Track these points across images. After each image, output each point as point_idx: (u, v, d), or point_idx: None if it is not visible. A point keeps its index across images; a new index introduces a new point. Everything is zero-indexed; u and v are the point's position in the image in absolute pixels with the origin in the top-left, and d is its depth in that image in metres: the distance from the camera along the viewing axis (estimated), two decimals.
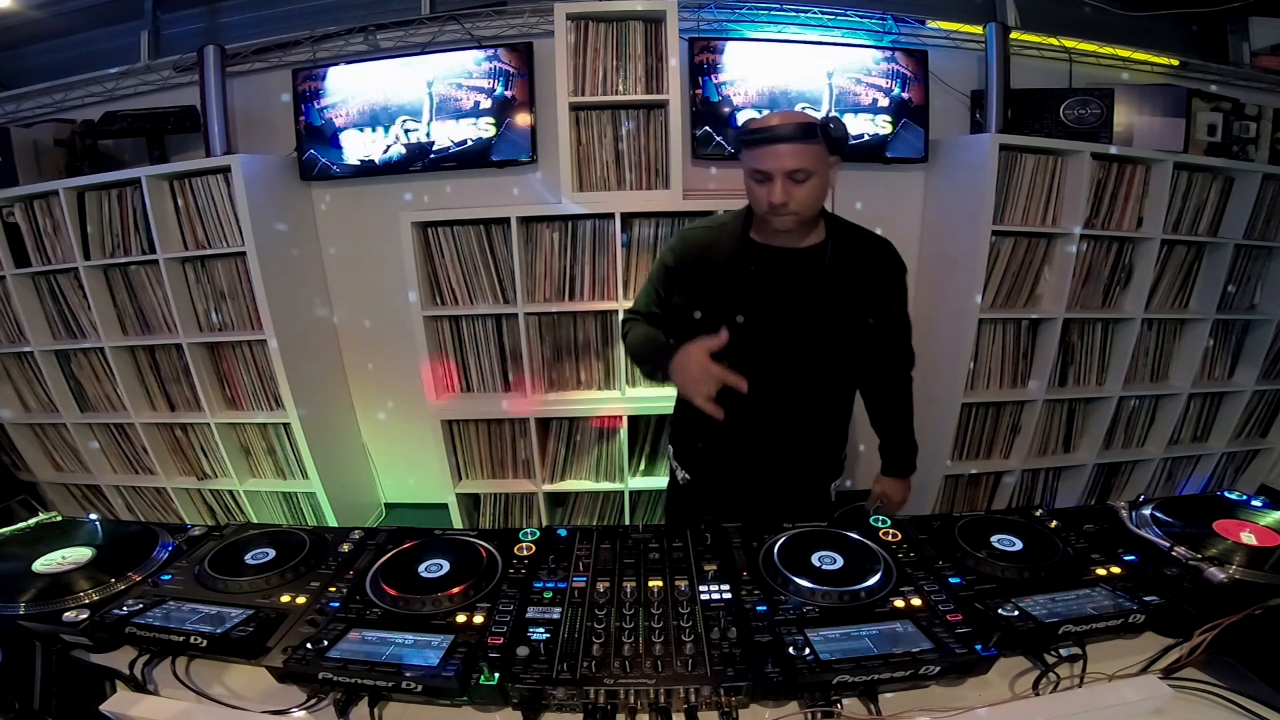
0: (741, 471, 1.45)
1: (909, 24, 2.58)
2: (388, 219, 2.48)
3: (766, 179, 1.19)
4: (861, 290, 1.31)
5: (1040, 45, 2.60)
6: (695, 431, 1.46)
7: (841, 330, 1.31)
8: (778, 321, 1.29)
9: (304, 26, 2.56)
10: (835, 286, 1.29)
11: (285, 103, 2.55)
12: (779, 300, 1.29)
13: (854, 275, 1.30)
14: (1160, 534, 1.09)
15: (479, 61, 2.46)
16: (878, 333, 1.35)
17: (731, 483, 1.47)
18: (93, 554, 1.10)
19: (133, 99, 2.64)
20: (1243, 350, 2.81)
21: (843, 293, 1.29)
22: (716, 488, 1.50)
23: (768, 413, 1.35)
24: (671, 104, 2.28)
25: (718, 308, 1.29)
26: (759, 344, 1.28)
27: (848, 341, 1.33)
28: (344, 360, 2.94)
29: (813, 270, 1.29)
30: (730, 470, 1.46)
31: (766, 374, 1.27)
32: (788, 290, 1.29)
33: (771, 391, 1.30)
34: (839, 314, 1.30)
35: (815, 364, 1.33)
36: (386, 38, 2.56)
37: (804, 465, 1.46)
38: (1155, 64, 2.67)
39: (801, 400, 1.36)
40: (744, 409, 1.29)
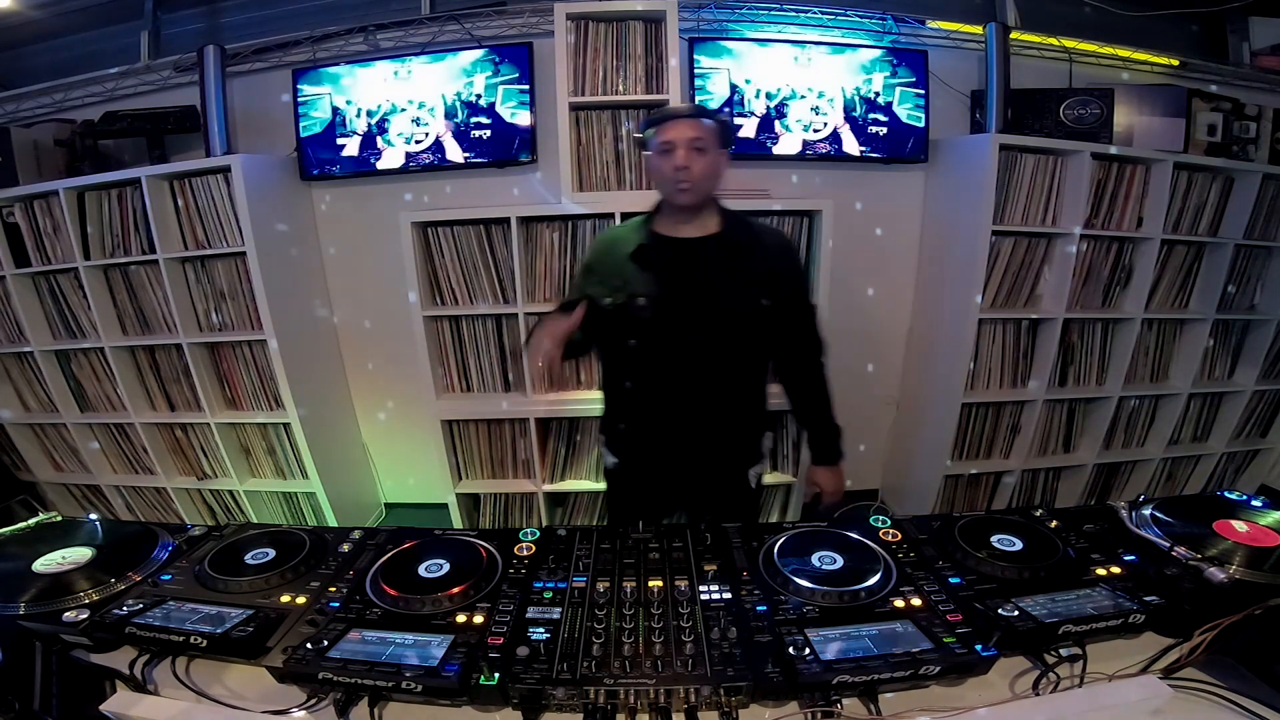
0: (660, 453, 1.52)
1: (909, 24, 2.58)
2: (388, 219, 2.48)
3: (671, 149, 1.35)
4: (755, 275, 1.42)
5: (1040, 45, 2.60)
6: (617, 414, 1.55)
7: (737, 311, 1.40)
8: (678, 303, 1.39)
9: (304, 26, 2.56)
10: (729, 271, 1.40)
11: (285, 103, 2.55)
12: (678, 284, 1.40)
13: (747, 261, 1.42)
14: (1160, 534, 1.09)
15: (479, 61, 2.46)
16: (777, 318, 1.44)
17: (653, 464, 1.55)
18: (93, 554, 1.10)
19: (133, 99, 2.64)
20: (1243, 350, 2.81)
21: (736, 276, 1.40)
22: (641, 470, 1.58)
23: (678, 393, 1.44)
24: (672, 104, 2.28)
25: (624, 293, 1.40)
26: (663, 326, 1.39)
27: (745, 323, 1.42)
28: (344, 360, 2.94)
29: (708, 256, 1.41)
30: (650, 452, 1.54)
31: (673, 355, 1.41)
32: (686, 274, 1.40)
33: (680, 372, 1.42)
34: (733, 296, 1.40)
35: (717, 345, 1.41)
36: (386, 38, 2.56)
37: (718, 447, 1.51)
38: (1155, 64, 2.67)
39: (708, 380, 1.44)
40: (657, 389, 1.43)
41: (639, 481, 1.60)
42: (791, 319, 1.50)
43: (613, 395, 1.56)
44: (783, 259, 1.50)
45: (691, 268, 1.41)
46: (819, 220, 2.37)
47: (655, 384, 1.44)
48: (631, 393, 1.49)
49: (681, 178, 1.35)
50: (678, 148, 1.35)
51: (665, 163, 1.37)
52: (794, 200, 2.48)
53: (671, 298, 1.40)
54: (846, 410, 2.93)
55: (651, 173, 1.44)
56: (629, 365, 1.47)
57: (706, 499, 1.55)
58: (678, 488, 1.56)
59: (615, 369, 1.52)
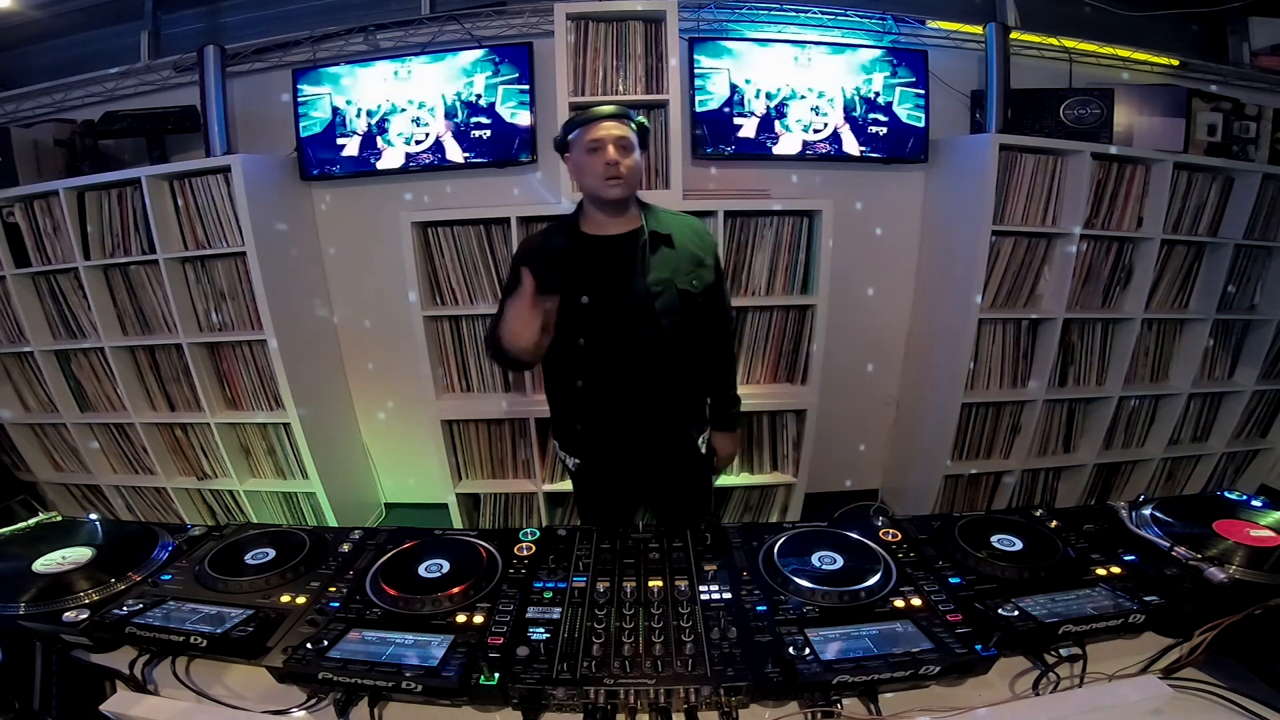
0: (618, 442, 1.60)
1: (909, 24, 2.58)
2: (388, 219, 2.48)
3: (600, 148, 1.41)
4: (680, 261, 1.51)
5: (1040, 45, 2.60)
6: (572, 416, 1.62)
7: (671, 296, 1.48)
8: (614, 295, 1.48)
9: (304, 26, 2.56)
10: (657, 261, 1.49)
11: (285, 103, 2.55)
12: (612, 277, 1.48)
13: (669, 247, 1.50)
14: (1160, 534, 1.09)
15: (479, 61, 2.46)
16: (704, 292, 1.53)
17: (611, 452, 1.63)
18: (93, 554, 1.10)
19: (133, 99, 2.64)
20: (1243, 350, 2.81)
21: (664, 265, 1.49)
22: (602, 462, 1.65)
23: (627, 382, 1.53)
24: (671, 104, 2.28)
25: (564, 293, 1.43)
26: (604, 317, 1.48)
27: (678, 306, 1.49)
28: (344, 360, 2.94)
29: (636, 249, 1.49)
30: (609, 443, 1.61)
31: (615, 342, 1.49)
32: (618, 268, 1.48)
33: (626, 362, 1.51)
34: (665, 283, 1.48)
35: (657, 330, 1.49)
36: (386, 38, 2.56)
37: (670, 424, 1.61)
38: (1155, 64, 2.67)
39: (654, 365, 1.52)
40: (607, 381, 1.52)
41: (603, 474, 1.67)
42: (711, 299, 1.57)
43: (563, 397, 1.61)
44: (703, 244, 1.58)
45: (624, 262, 1.48)
46: (819, 220, 2.37)
47: (605, 377, 1.52)
48: (583, 391, 1.54)
49: (612, 173, 1.41)
50: (607, 145, 1.41)
51: (595, 160, 1.42)
52: (794, 200, 2.48)
53: (610, 293, 1.47)
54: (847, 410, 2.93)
55: (578, 171, 1.49)
56: (577, 364, 1.53)
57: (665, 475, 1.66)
58: (639, 470, 1.65)
59: (562, 371, 1.58)
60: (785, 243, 2.48)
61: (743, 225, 2.45)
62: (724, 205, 2.35)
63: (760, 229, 2.46)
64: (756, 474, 2.68)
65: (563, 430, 1.66)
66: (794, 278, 2.52)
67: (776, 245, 2.48)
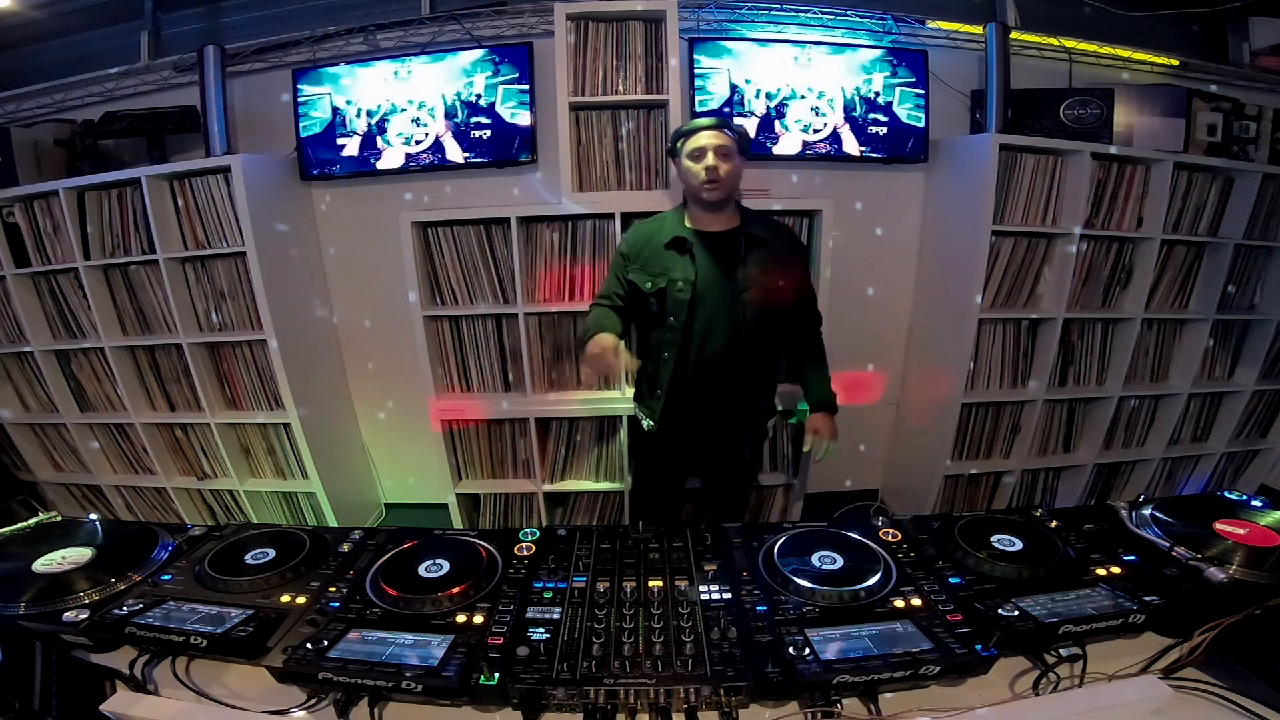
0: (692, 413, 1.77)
1: (909, 24, 2.58)
2: (388, 219, 2.48)
3: (701, 155, 1.60)
4: (770, 262, 1.68)
5: (1040, 45, 2.60)
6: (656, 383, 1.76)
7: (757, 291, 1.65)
8: (707, 285, 1.65)
9: (304, 26, 2.56)
10: (749, 258, 1.66)
11: (285, 103, 2.55)
12: (710, 269, 1.65)
13: (764, 250, 1.68)
14: (1160, 534, 1.09)
15: (479, 61, 2.46)
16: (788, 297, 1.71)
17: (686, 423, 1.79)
18: (93, 554, 1.10)
19: (133, 99, 2.64)
20: (1243, 350, 2.81)
21: (756, 263, 1.66)
22: (675, 429, 1.80)
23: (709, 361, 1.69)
24: (671, 104, 2.28)
25: (665, 278, 1.65)
26: (695, 303, 1.64)
27: (763, 301, 1.66)
28: (344, 360, 2.94)
29: (733, 246, 1.67)
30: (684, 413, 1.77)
31: (703, 326, 1.66)
32: (714, 261, 1.66)
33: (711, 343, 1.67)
34: (754, 279, 1.65)
35: (741, 320, 1.66)
36: (386, 38, 2.56)
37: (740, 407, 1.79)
38: (1155, 64, 2.67)
39: (734, 350, 1.69)
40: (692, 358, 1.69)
41: (672, 439, 1.83)
42: (799, 299, 1.76)
43: (652, 366, 1.76)
44: (792, 249, 1.76)
45: (720, 256, 1.66)
46: (819, 220, 2.37)
47: (690, 354, 1.69)
48: (669, 363, 1.70)
49: (711, 177, 1.59)
50: (708, 152, 1.59)
51: (697, 166, 1.60)
52: (794, 200, 2.48)
53: (705, 281, 1.64)
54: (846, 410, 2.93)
55: (682, 174, 1.68)
56: (669, 340, 1.69)
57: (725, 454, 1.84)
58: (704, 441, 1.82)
59: (655, 344, 1.74)
60: None
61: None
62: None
63: None
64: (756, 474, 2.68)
65: (645, 392, 1.83)
66: None
67: None
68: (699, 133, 1.61)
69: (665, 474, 1.96)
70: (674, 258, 1.65)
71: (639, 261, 1.70)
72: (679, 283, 1.63)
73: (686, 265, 1.64)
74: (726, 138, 1.60)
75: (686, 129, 1.64)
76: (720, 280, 1.64)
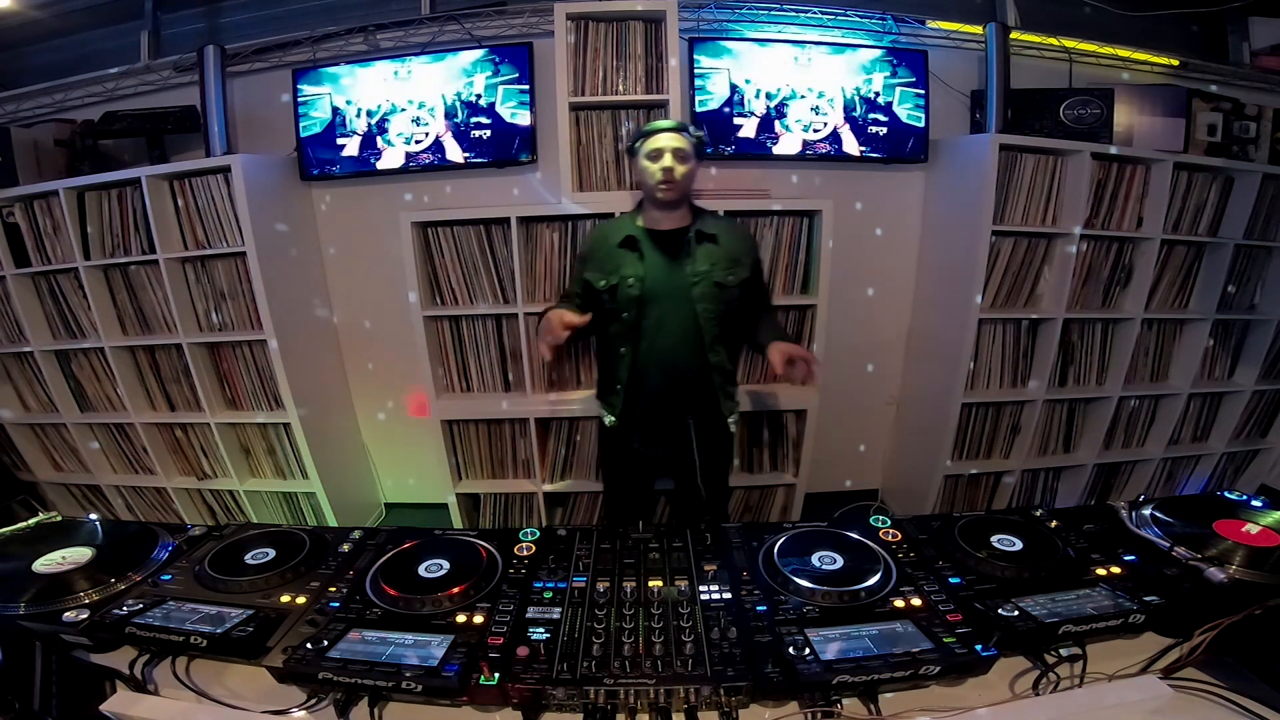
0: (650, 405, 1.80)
1: (909, 24, 2.58)
2: (388, 219, 2.48)
3: (659, 156, 1.65)
4: (719, 258, 1.72)
5: (1040, 45, 2.60)
6: (614, 378, 1.80)
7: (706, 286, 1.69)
8: (659, 280, 1.70)
9: (304, 26, 2.56)
10: (699, 255, 1.71)
11: (285, 103, 2.55)
12: (659, 265, 1.71)
13: (713, 244, 1.72)
14: (1160, 534, 1.09)
15: (479, 61, 2.46)
16: (739, 292, 1.74)
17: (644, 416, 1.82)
18: (93, 554, 1.10)
19: (133, 99, 2.64)
20: (1243, 350, 2.81)
21: (704, 259, 1.70)
22: (635, 422, 1.84)
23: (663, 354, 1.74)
24: (671, 104, 2.28)
25: (616, 276, 1.70)
26: (648, 298, 1.70)
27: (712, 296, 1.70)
28: (344, 360, 2.94)
29: (685, 242, 1.72)
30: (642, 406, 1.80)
31: (656, 320, 1.71)
32: (666, 258, 1.72)
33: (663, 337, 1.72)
34: (702, 275, 1.69)
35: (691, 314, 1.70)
36: (386, 38, 2.56)
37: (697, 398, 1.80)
38: (1155, 64, 2.67)
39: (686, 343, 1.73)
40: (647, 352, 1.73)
41: (633, 433, 1.86)
42: (750, 291, 1.79)
43: (609, 362, 1.82)
44: (742, 245, 1.79)
45: (670, 252, 1.72)
46: (819, 220, 2.37)
47: (645, 348, 1.74)
48: (626, 357, 1.75)
49: (666, 179, 1.64)
50: (664, 154, 1.64)
51: (654, 167, 1.65)
52: (794, 200, 2.48)
53: (655, 277, 1.70)
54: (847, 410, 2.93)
55: (639, 174, 1.72)
56: (623, 335, 1.74)
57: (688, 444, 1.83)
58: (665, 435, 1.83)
59: (611, 340, 1.78)
60: (785, 243, 2.48)
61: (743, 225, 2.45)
62: (724, 205, 2.34)
63: (760, 229, 2.46)
64: (756, 474, 2.68)
65: (605, 389, 1.87)
66: (794, 278, 2.52)
67: (776, 245, 2.48)
68: (658, 134, 1.66)
69: (632, 471, 1.98)
70: (625, 255, 1.71)
71: (594, 262, 1.76)
72: (629, 279, 1.69)
73: (636, 262, 1.70)
74: (684, 140, 1.66)
75: (646, 130, 1.70)
76: (670, 275, 1.70)
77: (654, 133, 1.67)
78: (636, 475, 1.99)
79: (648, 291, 1.69)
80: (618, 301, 1.70)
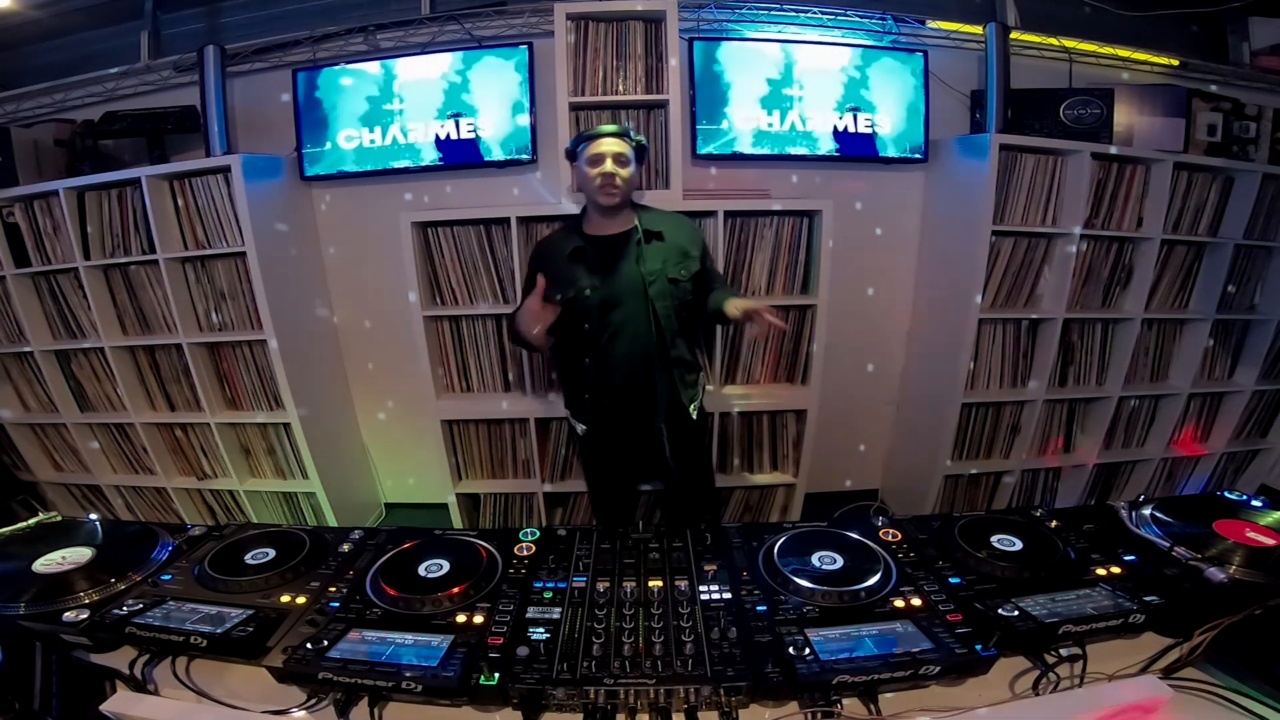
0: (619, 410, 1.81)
1: (909, 24, 2.58)
2: (388, 219, 2.48)
3: (600, 161, 1.66)
4: (669, 255, 1.73)
5: (1040, 45, 2.60)
6: (580, 388, 1.83)
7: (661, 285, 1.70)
8: (613, 286, 1.71)
9: (304, 26, 2.56)
10: (648, 255, 1.71)
11: (285, 103, 2.55)
12: (610, 271, 1.71)
13: (660, 241, 1.73)
14: (1160, 534, 1.09)
15: (479, 61, 2.46)
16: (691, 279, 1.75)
17: (614, 419, 1.83)
18: (93, 554, 1.10)
19: (133, 99, 2.64)
20: (1243, 350, 2.81)
21: (654, 259, 1.71)
22: (607, 429, 1.86)
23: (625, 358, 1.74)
24: (671, 104, 2.28)
25: (571, 289, 1.71)
26: (605, 305, 1.71)
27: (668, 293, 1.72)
28: (344, 360, 2.94)
29: (630, 246, 1.73)
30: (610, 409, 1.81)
31: (616, 326, 1.71)
32: (615, 263, 1.72)
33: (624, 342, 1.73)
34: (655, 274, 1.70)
35: (648, 314, 1.71)
36: (386, 38, 2.56)
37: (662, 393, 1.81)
38: (1155, 64, 2.67)
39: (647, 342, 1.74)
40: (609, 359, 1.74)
41: (607, 439, 1.88)
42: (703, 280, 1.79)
43: (573, 374, 1.83)
44: (689, 237, 1.79)
45: (620, 257, 1.72)
46: (819, 220, 2.37)
47: (608, 356, 1.74)
48: (590, 367, 1.76)
49: (608, 184, 1.66)
50: (606, 159, 1.65)
51: (594, 171, 1.66)
52: (794, 200, 2.48)
53: (608, 284, 1.70)
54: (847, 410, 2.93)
55: (581, 179, 1.74)
56: (584, 345, 1.75)
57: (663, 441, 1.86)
58: (637, 435, 1.86)
59: (572, 351, 1.79)
60: (785, 243, 2.48)
61: (743, 225, 2.45)
62: (724, 205, 2.35)
63: (760, 229, 2.46)
64: (756, 474, 2.68)
65: (573, 400, 1.89)
66: (794, 278, 2.52)
67: (776, 245, 2.48)
68: (599, 139, 1.67)
69: (610, 475, 2.00)
70: (576, 267, 1.72)
71: (547, 276, 1.68)
72: (585, 289, 1.69)
73: (588, 272, 1.71)
74: (625, 145, 1.67)
75: (588, 134, 1.71)
76: (623, 280, 1.70)
77: (595, 137, 1.68)
78: (615, 478, 2.00)
79: (604, 299, 1.70)
80: (576, 313, 1.70)
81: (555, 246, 1.80)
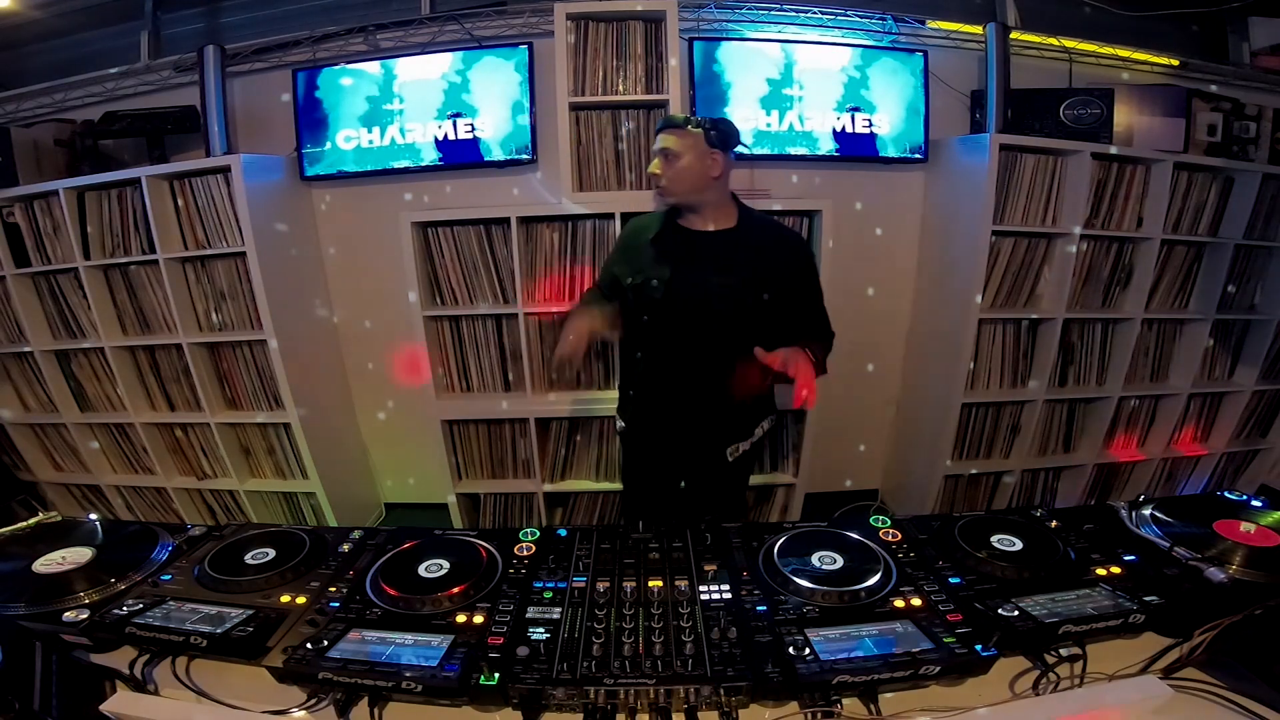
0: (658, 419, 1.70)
1: (909, 24, 2.58)
2: (388, 219, 2.48)
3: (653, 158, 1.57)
4: (757, 269, 1.56)
5: (1040, 45, 2.60)
6: (628, 382, 1.74)
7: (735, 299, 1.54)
8: (684, 288, 1.55)
9: (304, 26, 2.56)
10: (732, 263, 1.56)
11: (285, 103, 2.55)
12: (685, 271, 1.56)
13: (751, 256, 1.57)
14: (1160, 534, 1.09)
15: (479, 61, 2.46)
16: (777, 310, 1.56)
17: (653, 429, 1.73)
18: (93, 554, 1.10)
19: (133, 99, 2.64)
20: (1243, 350, 2.81)
21: (738, 269, 1.55)
22: (647, 432, 1.75)
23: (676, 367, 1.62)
24: (672, 104, 2.28)
25: (642, 275, 1.58)
26: (669, 306, 1.56)
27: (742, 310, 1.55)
28: (344, 360, 2.94)
29: (716, 248, 1.58)
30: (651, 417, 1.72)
31: (673, 327, 1.57)
32: (695, 263, 1.57)
33: (680, 348, 1.59)
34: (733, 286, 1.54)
35: (713, 327, 1.56)
36: (386, 38, 2.56)
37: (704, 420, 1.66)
38: (1155, 64, 2.67)
39: (704, 358, 1.59)
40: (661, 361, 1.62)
41: (645, 444, 1.77)
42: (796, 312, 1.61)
43: (626, 364, 1.73)
44: (791, 257, 1.62)
45: (699, 257, 1.57)
46: (819, 220, 2.37)
47: (660, 357, 1.62)
48: (641, 363, 1.65)
49: (656, 182, 1.57)
50: (655, 157, 1.56)
51: None
52: (794, 200, 2.48)
53: (680, 281, 1.55)
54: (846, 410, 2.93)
55: None
56: (641, 338, 1.64)
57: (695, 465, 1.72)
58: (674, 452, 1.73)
59: (630, 341, 1.68)
60: None
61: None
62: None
63: None
64: (756, 474, 2.68)
65: (621, 392, 1.79)
66: None
67: None
68: (657, 135, 1.57)
69: (647, 477, 1.84)
70: (654, 254, 1.59)
71: (627, 254, 1.67)
72: (654, 280, 1.56)
73: (663, 263, 1.57)
74: (674, 139, 1.53)
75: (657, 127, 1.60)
76: (699, 282, 1.55)
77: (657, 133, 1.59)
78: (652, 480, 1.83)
79: (670, 297, 1.55)
80: (639, 303, 1.58)
81: (643, 227, 1.69)
